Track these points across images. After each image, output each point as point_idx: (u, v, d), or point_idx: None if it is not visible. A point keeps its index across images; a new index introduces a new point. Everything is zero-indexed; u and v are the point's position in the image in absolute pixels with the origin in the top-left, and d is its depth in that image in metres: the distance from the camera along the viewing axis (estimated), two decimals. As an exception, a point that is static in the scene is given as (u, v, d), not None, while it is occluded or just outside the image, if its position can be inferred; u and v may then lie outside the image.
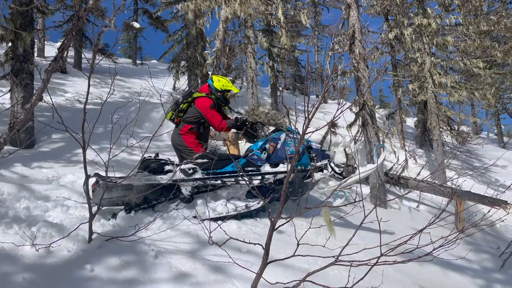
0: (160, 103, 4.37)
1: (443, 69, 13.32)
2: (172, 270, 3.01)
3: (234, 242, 2.90)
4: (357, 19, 9.77)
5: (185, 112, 5.08)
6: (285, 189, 2.47)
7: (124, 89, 14.30)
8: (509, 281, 5.11)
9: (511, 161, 16.61)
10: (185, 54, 12.78)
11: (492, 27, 13.29)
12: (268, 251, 2.46)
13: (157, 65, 25.98)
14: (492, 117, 22.75)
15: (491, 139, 24.25)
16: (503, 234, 8.74)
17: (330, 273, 3.57)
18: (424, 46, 11.96)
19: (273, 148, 4.71)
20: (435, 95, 11.87)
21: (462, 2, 11.89)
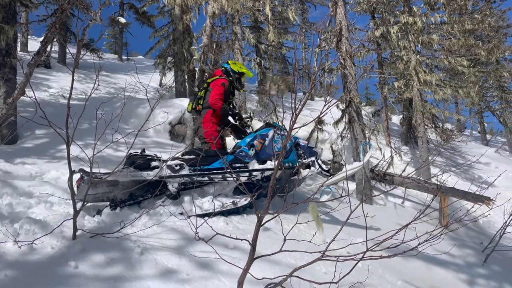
0: (146, 98, 4.31)
1: (428, 67, 13.48)
2: (158, 267, 2.99)
3: (221, 238, 2.90)
4: (344, 17, 9.80)
5: (204, 99, 5.20)
6: (272, 185, 2.47)
7: (109, 85, 14.12)
8: (492, 275, 5.21)
9: (494, 159, 16.93)
10: (172, 50, 12.68)
11: (477, 26, 13.50)
12: (255, 246, 2.46)
13: (143, 61, 25.73)
14: (476, 115, 23.13)
15: (475, 137, 24.67)
16: (486, 229, 8.91)
17: (316, 269, 3.59)
18: (409, 44, 12.08)
19: (260, 145, 4.71)
20: (420, 93, 12.00)
21: (447, 1, 12.04)
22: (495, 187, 12.07)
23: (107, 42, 32.70)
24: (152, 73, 15.04)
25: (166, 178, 4.20)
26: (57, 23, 3.57)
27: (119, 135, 3.18)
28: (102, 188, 4.03)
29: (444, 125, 18.43)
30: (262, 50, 15.90)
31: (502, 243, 6.13)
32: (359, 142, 9.30)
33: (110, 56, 25.54)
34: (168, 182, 4.26)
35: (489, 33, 19.44)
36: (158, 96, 12.02)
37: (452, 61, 12.15)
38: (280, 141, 4.78)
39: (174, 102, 9.01)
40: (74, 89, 10.49)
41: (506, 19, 22.72)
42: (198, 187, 4.60)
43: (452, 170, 12.84)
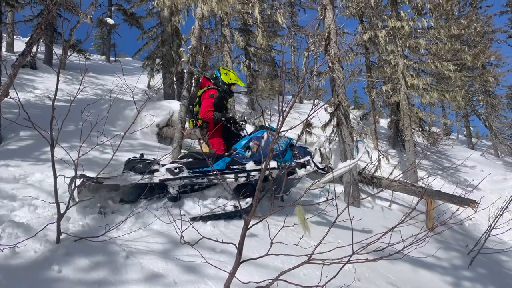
0: (133, 100, 4.29)
1: (415, 71, 13.63)
2: (144, 271, 2.96)
3: (208, 241, 2.88)
4: (332, 20, 9.86)
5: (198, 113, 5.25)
6: (259, 188, 2.46)
7: (97, 86, 13.99)
8: (477, 278, 5.26)
9: (479, 162, 17.20)
10: (160, 52, 12.61)
11: (463, 31, 13.71)
12: (241, 250, 2.45)
13: (131, 63, 25.55)
14: (462, 119, 23.44)
15: (461, 140, 25.03)
16: (472, 232, 9.02)
17: (303, 272, 3.58)
18: (397, 49, 12.20)
19: (256, 146, 4.76)
20: (408, 97, 12.12)
21: (434, 6, 12.20)
22: (480, 190, 12.28)
23: (94, 43, 32.49)
24: (140, 74, 14.95)
25: (166, 181, 4.23)
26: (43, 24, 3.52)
27: (104, 138, 3.14)
28: (102, 192, 3.99)
29: (431, 129, 18.65)
30: (251, 53, 15.91)
31: (487, 246, 6.22)
32: (347, 145, 9.35)
33: (98, 58, 25.31)
34: (168, 185, 4.30)
35: (475, 38, 19.81)
36: (146, 98, 11.95)
37: (438, 65, 12.30)
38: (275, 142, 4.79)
39: (162, 104, 8.95)
40: (60, 90, 10.39)
41: (491, 24, 23.17)
42: (199, 191, 4.61)
43: (438, 173, 12.99)
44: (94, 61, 21.10)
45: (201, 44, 12.79)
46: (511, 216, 6.41)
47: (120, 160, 5.41)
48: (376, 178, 9.12)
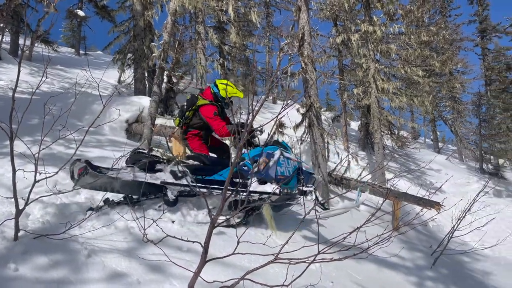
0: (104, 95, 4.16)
1: (386, 75, 13.93)
2: (106, 270, 2.86)
3: (175, 240, 2.82)
4: (306, 22, 9.94)
5: (191, 119, 5.13)
6: (227, 186, 2.43)
7: (64, 79, 13.56)
8: (440, 278, 5.41)
9: (444, 166, 17.76)
10: (132, 46, 12.35)
11: (432, 38, 14.13)
12: (207, 249, 2.41)
13: (102, 56, 24.94)
14: (429, 124, 24.14)
15: (428, 144, 25.78)
16: (436, 233, 9.30)
17: (270, 271, 3.56)
18: (369, 53, 12.42)
19: (265, 164, 4.52)
20: (378, 100, 12.36)
21: (405, 12, 12.49)
22: (445, 192, 12.67)
23: (64, 35, 31.54)
24: (111, 69, 14.61)
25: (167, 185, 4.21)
26: (4, 11, 3.35)
27: (68, 131, 3.02)
28: (100, 180, 3.93)
29: (400, 132, 19.12)
30: (225, 51, 15.83)
31: (450, 247, 6.41)
32: (318, 146, 9.44)
33: (67, 50, 24.56)
34: (168, 188, 4.24)
35: (444, 45, 20.47)
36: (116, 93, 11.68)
37: (408, 70, 12.61)
38: (284, 165, 4.62)
39: (132, 99, 8.75)
40: (25, 82, 9.98)
41: (460, 33, 24.01)
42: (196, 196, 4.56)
43: (404, 175, 13.31)
44: (62, 54, 20.45)
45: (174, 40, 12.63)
46: (473, 219, 6.64)
47: (86, 155, 5.26)
48: (345, 179, 9.25)
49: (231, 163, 4.53)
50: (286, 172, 4.58)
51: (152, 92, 5.76)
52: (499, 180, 17.70)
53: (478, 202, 6.77)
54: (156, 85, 5.41)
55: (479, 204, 6.96)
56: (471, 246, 7.47)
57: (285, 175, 4.54)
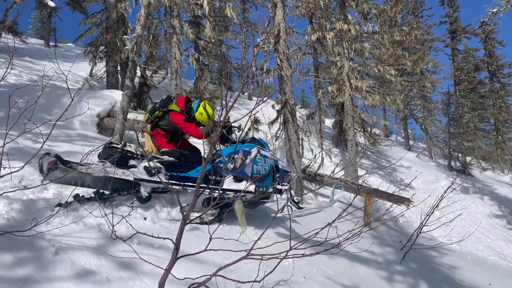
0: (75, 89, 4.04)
1: (360, 74, 14.12)
2: (74, 267, 2.79)
3: (148, 237, 2.77)
4: (282, 19, 9.95)
5: (159, 119, 5.13)
6: (199, 183, 2.40)
7: (33, 72, 13.08)
8: (409, 272, 5.55)
9: (415, 163, 18.21)
10: (105, 39, 12.05)
11: (404, 38, 14.42)
12: (179, 246, 2.38)
13: (73, 49, 24.24)
14: (401, 122, 24.65)
15: (399, 142, 26.35)
16: (405, 229, 9.53)
17: (243, 267, 3.57)
18: (343, 51, 12.56)
19: (241, 162, 4.50)
20: (352, 98, 12.52)
21: (379, 12, 12.69)
22: (415, 189, 13.00)
23: (33, 26, 30.47)
24: (82, 62, 14.23)
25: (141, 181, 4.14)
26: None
27: (34, 125, 2.91)
28: (71, 175, 3.85)
29: (372, 130, 19.46)
30: (201, 46, 15.65)
31: (419, 242, 6.58)
32: (293, 142, 9.50)
33: (36, 42, 23.75)
34: (141, 184, 4.17)
35: (415, 45, 20.94)
36: (87, 86, 11.38)
37: (381, 69, 12.83)
38: (260, 163, 4.62)
39: (104, 93, 8.54)
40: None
41: (431, 33, 24.62)
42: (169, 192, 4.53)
43: (375, 172, 13.57)
44: (31, 45, 19.72)
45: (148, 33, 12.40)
46: (441, 214, 6.83)
47: (54, 150, 5.10)
48: (319, 176, 9.35)
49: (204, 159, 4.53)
50: (262, 171, 4.58)
51: (124, 86, 5.63)
52: (466, 177, 18.31)
53: (446, 199, 6.97)
54: (128, 78, 5.29)
55: (447, 200, 7.16)
56: (439, 241, 7.69)
57: (261, 173, 4.54)
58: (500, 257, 10.78)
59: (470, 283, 6.31)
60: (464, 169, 20.64)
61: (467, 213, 12.45)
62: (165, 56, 18.61)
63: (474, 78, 24.10)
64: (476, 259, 9.39)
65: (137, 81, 10.33)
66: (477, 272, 7.42)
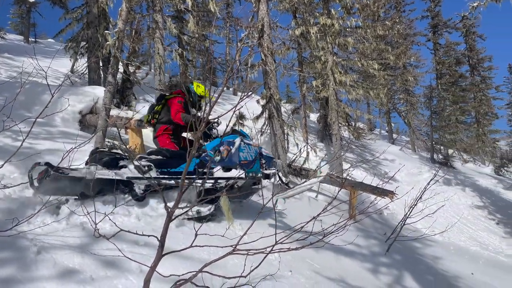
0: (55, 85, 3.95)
1: (344, 68, 14.21)
2: (57, 267, 2.74)
3: (132, 234, 2.74)
4: (266, 13, 9.93)
5: (159, 114, 5.35)
6: (184, 177, 2.38)
7: (12, 68, 12.79)
8: (393, 264, 5.62)
9: (398, 156, 18.45)
10: (86, 34, 11.83)
11: (387, 32, 14.54)
12: (164, 243, 2.36)
13: (53, 44, 23.77)
14: (384, 115, 24.93)
15: (383, 136, 26.65)
16: (390, 221, 9.66)
17: (230, 262, 3.56)
18: (327, 46, 12.60)
19: (227, 152, 4.64)
20: (336, 92, 12.60)
21: (362, 6, 12.75)
22: (399, 182, 13.18)
23: (12, 22, 29.73)
24: (62, 57, 13.97)
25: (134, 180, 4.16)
26: None
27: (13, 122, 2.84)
28: (63, 182, 3.79)
29: (356, 124, 19.63)
30: (184, 41, 15.54)
31: (403, 234, 6.67)
32: (278, 137, 9.52)
33: (15, 38, 23.24)
34: (134, 183, 4.20)
35: (398, 39, 21.15)
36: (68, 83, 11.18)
37: (364, 63, 12.92)
38: (246, 150, 4.80)
39: (86, 90, 8.41)
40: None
41: (413, 27, 24.90)
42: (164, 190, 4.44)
43: (359, 165, 13.71)
44: (10, 41, 19.30)
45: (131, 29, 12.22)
46: (424, 206, 6.94)
47: (35, 148, 5.01)
48: (304, 170, 9.39)
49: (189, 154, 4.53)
50: (249, 157, 4.76)
51: (106, 82, 5.54)
52: (448, 169, 18.63)
53: (429, 191, 7.08)
54: (110, 74, 5.21)
55: (429, 192, 7.27)
56: (422, 232, 7.82)
57: (248, 160, 4.71)
58: (482, 247, 11.04)
59: (453, 273, 6.43)
60: (446, 161, 21.01)
61: (450, 204, 12.68)
62: (148, 51, 18.41)
63: (455, 72, 24.52)
64: (458, 249, 9.59)
65: (120, 77, 10.19)
66: (460, 262, 7.58)
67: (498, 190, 17.77)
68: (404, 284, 4.88)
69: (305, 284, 3.71)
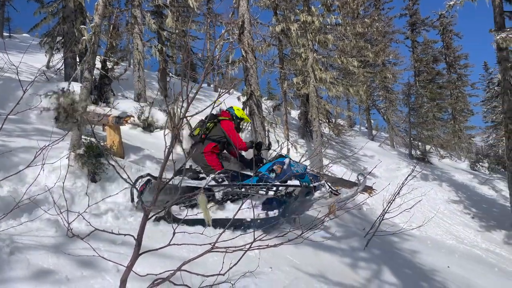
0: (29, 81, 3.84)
1: (324, 65, 14.28)
2: (31, 268, 2.68)
3: (109, 234, 2.69)
4: (246, 10, 9.90)
5: (210, 131, 5.74)
6: (161, 175, 2.35)
7: (-15, 64, 12.40)
8: (372, 259, 5.68)
9: (377, 152, 18.72)
10: (62, 29, 11.54)
11: (366, 30, 14.69)
12: (141, 241, 2.32)
13: (28, 39, 23.13)
14: (364, 112, 25.20)
15: (362, 132, 26.96)
16: (369, 216, 9.78)
17: (209, 260, 3.53)
18: (308, 42, 12.65)
19: (280, 169, 5.31)
20: (316, 89, 12.67)
21: (342, 4, 12.85)
22: (378, 177, 13.37)
23: (-15, 16, 28.78)
24: (39, 53, 13.62)
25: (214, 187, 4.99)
26: None
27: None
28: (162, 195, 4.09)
29: (337, 120, 19.81)
30: (164, 37, 15.36)
31: (382, 228, 6.75)
32: (259, 134, 9.52)
33: (-12, 32, 22.48)
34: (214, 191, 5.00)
35: (377, 37, 21.41)
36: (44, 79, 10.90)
37: (344, 61, 13.03)
38: (295, 166, 5.47)
39: (62, 86, 8.21)
40: None
41: (392, 25, 25.22)
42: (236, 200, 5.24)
43: (339, 161, 13.84)
44: (-17, 35, 18.68)
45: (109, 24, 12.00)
46: (402, 201, 7.04)
47: (8, 146, 4.87)
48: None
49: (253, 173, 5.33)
50: (300, 170, 5.47)
51: (83, 78, 5.42)
52: (425, 164, 19.01)
53: (407, 186, 7.18)
54: (87, 70, 5.09)
55: (407, 188, 7.37)
56: (400, 227, 7.92)
57: (299, 172, 5.40)
58: (457, 240, 11.32)
59: (430, 266, 6.56)
60: (423, 157, 21.42)
61: (427, 199, 12.93)
62: (127, 47, 18.10)
63: (432, 69, 24.99)
64: (435, 243, 9.79)
65: (98, 74, 9.99)
66: (436, 256, 7.73)
67: (473, 185, 18.23)
68: (382, 279, 4.95)
69: (285, 280, 3.73)
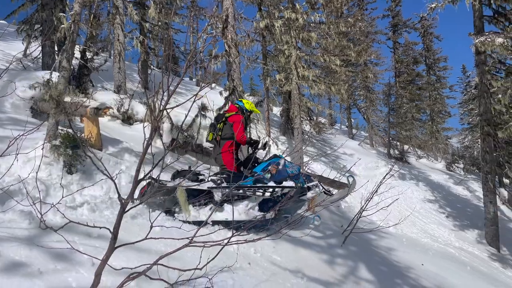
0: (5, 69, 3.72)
1: (307, 63, 14.35)
2: (2, 260, 2.60)
3: (84, 227, 2.63)
4: (231, 4, 9.83)
5: (222, 130, 5.87)
6: (139, 168, 2.31)
7: (-41, 50, 11.97)
8: (349, 255, 5.75)
9: (357, 151, 18.95)
10: (40, 16, 11.21)
11: (349, 29, 14.79)
12: (117, 235, 2.28)
13: (5, 26, 22.45)
14: (345, 111, 25.49)
15: (343, 130, 27.25)
16: (347, 214, 9.89)
17: (188, 255, 3.51)
18: (291, 40, 12.66)
19: (275, 169, 5.42)
20: (299, 87, 12.71)
21: (326, 2, 12.89)
22: (357, 175, 13.52)
23: (-41, 0, 27.79)
24: (16, 41, 13.24)
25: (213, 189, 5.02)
26: None
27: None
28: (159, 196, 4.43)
29: (318, 118, 19.94)
30: (146, 29, 15.12)
31: (359, 226, 6.84)
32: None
33: (-37, 17, 21.70)
34: (214, 192, 5.02)
35: (360, 37, 21.62)
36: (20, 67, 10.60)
37: (327, 59, 13.09)
38: (290, 167, 5.64)
39: (39, 75, 7.98)
40: None
41: (374, 26, 25.53)
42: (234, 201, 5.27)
43: (319, 158, 13.95)
44: (-43, 21, 18.03)
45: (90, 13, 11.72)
46: (379, 199, 7.14)
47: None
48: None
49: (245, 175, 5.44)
50: (295, 171, 5.63)
51: (60, 67, 5.28)
52: (403, 164, 19.35)
53: (385, 184, 7.30)
54: (65, 59, 4.96)
55: (385, 186, 7.50)
56: (377, 224, 8.05)
57: (294, 173, 5.56)
58: (432, 239, 11.57)
59: (405, 263, 6.69)
60: (401, 156, 21.81)
61: (404, 198, 13.18)
62: (108, 37, 17.78)
63: (413, 71, 25.44)
64: (410, 241, 9.98)
65: (77, 64, 9.76)
66: (412, 254, 7.89)
67: (449, 185, 18.67)
68: (359, 275, 5.01)
69: (262, 276, 3.73)
